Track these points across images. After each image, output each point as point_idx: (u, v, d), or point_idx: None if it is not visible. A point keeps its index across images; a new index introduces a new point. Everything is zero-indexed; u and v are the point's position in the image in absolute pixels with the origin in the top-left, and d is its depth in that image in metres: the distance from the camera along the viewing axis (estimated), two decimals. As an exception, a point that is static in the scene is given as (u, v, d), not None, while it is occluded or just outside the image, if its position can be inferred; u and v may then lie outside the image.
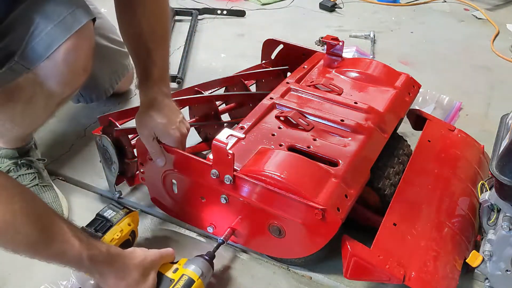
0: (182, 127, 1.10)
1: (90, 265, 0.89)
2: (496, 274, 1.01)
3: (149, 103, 1.08)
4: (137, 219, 1.10)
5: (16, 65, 0.99)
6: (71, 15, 0.98)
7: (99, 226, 1.02)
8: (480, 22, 2.44)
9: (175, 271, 0.97)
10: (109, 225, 1.03)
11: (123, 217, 1.06)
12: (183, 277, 0.95)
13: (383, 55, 2.06)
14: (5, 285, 1.06)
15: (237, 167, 1.00)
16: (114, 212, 1.06)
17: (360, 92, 1.29)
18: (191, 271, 0.96)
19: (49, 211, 0.88)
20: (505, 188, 0.93)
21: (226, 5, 2.45)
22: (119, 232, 1.03)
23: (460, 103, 1.71)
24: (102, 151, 1.21)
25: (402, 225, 1.04)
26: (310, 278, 1.11)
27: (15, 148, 1.22)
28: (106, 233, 1.01)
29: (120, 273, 0.93)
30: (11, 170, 1.22)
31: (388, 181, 1.14)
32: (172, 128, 1.07)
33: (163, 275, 0.96)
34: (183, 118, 1.12)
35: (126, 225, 1.05)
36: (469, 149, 1.32)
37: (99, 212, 1.06)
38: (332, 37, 1.38)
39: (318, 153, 1.08)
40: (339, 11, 2.49)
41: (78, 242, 0.87)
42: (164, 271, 0.97)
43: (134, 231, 1.08)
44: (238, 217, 1.07)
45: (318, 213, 0.94)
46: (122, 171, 1.21)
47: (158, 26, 1.13)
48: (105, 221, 1.04)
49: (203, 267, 0.97)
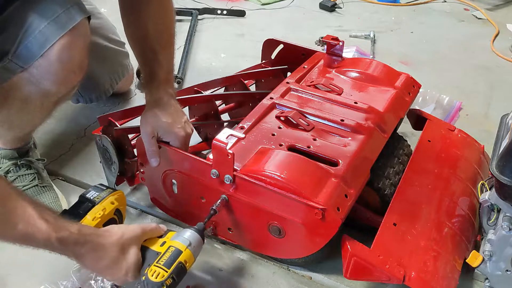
0: (187, 127, 1.11)
1: (61, 247, 0.86)
2: (496, 274, 1.01)
3: (155, 103, 1.09)
4: (123, 198, 1.06)
5: (10, 64, 0.99)
6: (65, 13, 0.98)
7: (81, 207, 1.00)
8: (480, 22, 2.44)
9: (162, 244, 0.94)
10: (91, 205, 1.00)
11: (107, 196, 1.02)
12: (169, 248, 0.92)
13: (383, 55, 2.06)
14: (5, 285, 1.06)
15: (237, 167, 1.00)
16: (97, 193, 1.02)
17: (360, 92, 1.29)
18: (178, 241, 0.93)
19: (12, 194, 0.85)
20: (505, 188, 0.93)
21: (226, 5, 2.45)
22: (101, 211, 0.99)
23: (460, 103, 1.71)
24: (102, 151, 1.20)
25: (402, 225, 1.04)
26: (310, 278, 1.11)
27: (15, 148, 1.22)
28: (88, 213, 0.99)
29: (96, 253, 0.89)
30: (10, 171, 1.22)
31: (388, 181, 1.14)
32: (177, 127, 1.07)
33: (149, 249, 0.94)
34: (187, 119, 1.13)
35: (109, 204, 1.01)
36: (469, 149, 1.32)
37: (82, 194, 1.03)
38: (332, 37, 1.38)
39: (318, 153, 1.08)
40: (339, 11, 2.49)
41: (45, 224, 0.84)
42: (150, 245, 0.94)
43: (119, 210, 1.03)
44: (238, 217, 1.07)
45: (318, 213, 0.94)
46: (122, 171, 1.21)
47: (163, 28, 1.14)
48: (87, 201, 1.01)
49: (191, 237, 0.94)
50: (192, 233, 0.95)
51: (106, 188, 1.05)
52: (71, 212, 0.99)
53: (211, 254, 1.14)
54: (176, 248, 0.92)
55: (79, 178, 1.34)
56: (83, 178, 1.33)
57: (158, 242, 0.95)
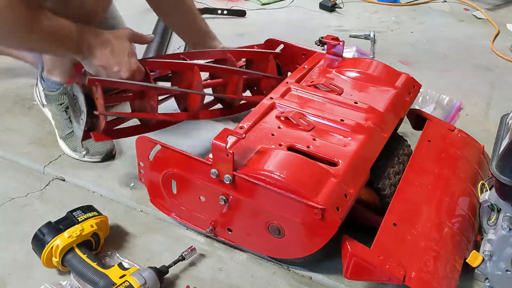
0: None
1: (79, 37, 1.08)
2: (496, 274, 1.01)
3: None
4: (105, 224, 1.11)
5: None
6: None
7: (63, 223, 1.06)
8: (480, 22, 2.44)
9: (122, 276, 1.00)
10: (72, 223, 1.06)
11: (89, 218, 1.08)
12: (124, 282, 0.97)
13: (383, 55, 2.06)
14: (5, 285, 1.06)
15: (236, 166, 1.00)
16: (83, 213, 1.09)
17: (360, 92, 1.29)
18: (134, 278, 0.98)
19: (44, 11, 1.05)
20: (505, 188, 0.93)
21: (226, 5, 2.45)
22: (78, 231, 1.04)
23: (460, 103, 1.71)
24: (71, 102, 1.20)
25: (402, 225, 1.04)
26: (310, 278, 1.10)
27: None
28: (67, 229, 1.04)
29: (104, 43, 1.12)
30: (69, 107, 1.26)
31: (388, 181, 1.14)
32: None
33: (108, 278, 0.99)
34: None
35: (88, 226, 1.06)
36: (469, 149, 1.32)
37: (69, 211, 1.09)
38: (332, 37, 1.38)
39: (318, 153, 1.08)
40: (339, 11, 2.49)
41: (67, 22, 1.07)
42: (110, 275, 1.00)
43: (98, 234, 1.09)
44: (238, 217, 1.07)
45: (317, 213, 0.94)
46: (91, 127, 1.20)
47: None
48: (71, 219, 1.07)
49: (148, 276, 0.99)
50: (150, 274, 1.00)
51: (94, 211, 1.11)
52: (53, 225, 1.05)
53: (210, 254, 1.14)
54: (130, 284, 0.97)
55: (79, 179, 1.34)
56: (82, 178, 1.33)
57: (119, 273, 1.01)
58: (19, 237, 1.15)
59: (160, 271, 1.03)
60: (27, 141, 1.45)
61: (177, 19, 1.49)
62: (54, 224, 1.06)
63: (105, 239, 1.12)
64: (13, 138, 1.47)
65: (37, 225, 1.06)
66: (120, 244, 1.15)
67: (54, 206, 1.24)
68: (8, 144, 1.44)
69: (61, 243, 1.02)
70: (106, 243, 1.13)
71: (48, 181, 1.33)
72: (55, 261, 1.03)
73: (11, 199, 1.26)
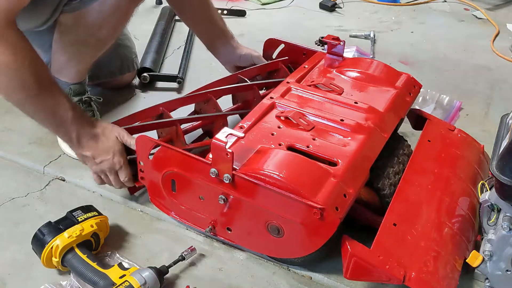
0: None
1: (71, 125, 1.12)
2: (496, 274, 1.01)
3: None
4: (105, 224, 1.12)
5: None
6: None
7: (63, 223, 1.06)
8: (480, 22, 2.44)
9: (122, 277, 1.00)
10: (72, 223, 1.06)
11: (89, 218, 1.08)
12: (124, 282, 0.98)
13: (383, 55, 2.06)
14: (5, 285, 1.05)
15: (236, 166, 1.00)
16: (83, 213, 1.09)
17: (360, 92, 1.29)
18: (134, 278, 0.98)
19: (50, 76, 1.13)
20: (505, 188, 0.93)
21: (226, 5, 2.45)
22: (78, 231, 1.05)
23: (460, 103, 1.71)
24: None
25: (402, 225, 1.04)
26: (310, 278, 1.10)
27: (78, 82, 1.35)
28: (67, 229, 1.04)
29: (93, 137, 1.15)
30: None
31: (388, 181, 1.14)
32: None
33: (108, 278, 1.00)
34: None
35: (88, 226, 1.07)
36: (469, 149, 1.32)
37: (69, 211, 1.10)
38: (333, 37, 1.38)
39: (318, 152, 1.08)
40: (339, 11, 2.50)
41: (67, 102, 1.11)
42: (110, 274, 1.00)
43: (97, 234, 1.09)
44: (237, 217, 1.07)
45: (316, 213, 0.94)
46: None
47: None
48: (71, 219, 1.08)
49: (148, 276, 1.00)
50: (150, 273, 1.00)
51: (93, 211, 1.11)
52: (53, 226, 1.06)
53: (210, 254, 1.14)
54: (130, 284, 0.97)
55: (78, 179, 1.34)
56: (82, 178, 1.33)
57: (118, 273, 1.01)
58: (19, 237, 1.15)
59: (160, 271, 1.03)
60: (27, 141, 1.45)
61: (197, 16, 1.51)
62: (54, 224, 1.06)
63: (105, 239, 1.12)
64: (13, 138, 1.47)
65: (37, 225, 1.06)
66: (120, 244, 1.15)
67: (54, 206, 1.24)
68: (8, 144, 1.44)
69: (61, 243, 1.02)
70: (106, 243, 1.13)
71: (48, 181, 1.33)
72: (55, 261, 1.03)
73: (11, 199, 1.26)
